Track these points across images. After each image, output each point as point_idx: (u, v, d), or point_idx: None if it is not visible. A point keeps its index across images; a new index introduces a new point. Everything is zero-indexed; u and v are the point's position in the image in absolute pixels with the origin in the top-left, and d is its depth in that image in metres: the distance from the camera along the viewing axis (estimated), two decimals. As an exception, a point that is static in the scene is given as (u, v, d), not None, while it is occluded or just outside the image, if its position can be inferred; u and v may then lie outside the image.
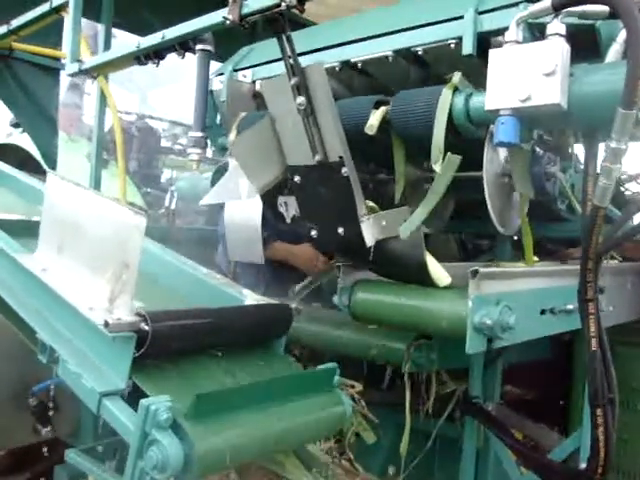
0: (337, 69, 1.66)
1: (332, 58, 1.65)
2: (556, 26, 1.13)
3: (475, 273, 1.18)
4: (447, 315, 1.31)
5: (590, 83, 1.13)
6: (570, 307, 1.42)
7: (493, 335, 1.22)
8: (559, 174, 1.37)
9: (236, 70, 1.96)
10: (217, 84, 1.96)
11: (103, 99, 2.78)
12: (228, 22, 1.32)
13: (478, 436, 1.96)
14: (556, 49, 1.10)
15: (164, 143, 5.98)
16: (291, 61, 1.29)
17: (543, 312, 1.42)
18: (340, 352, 1.87)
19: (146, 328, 1.15)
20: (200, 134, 1.83)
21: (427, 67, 1.56)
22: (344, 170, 1.33)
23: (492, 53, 1.18)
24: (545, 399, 2.61)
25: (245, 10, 1.30)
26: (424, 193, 1.42)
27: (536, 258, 2.38)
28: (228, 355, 1.36)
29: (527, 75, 1.12)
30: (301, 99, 1.30)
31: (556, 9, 1.13)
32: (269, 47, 1.73)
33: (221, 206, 2.02)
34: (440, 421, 1.91)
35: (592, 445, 1.27)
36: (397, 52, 1.51)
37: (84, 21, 2.62)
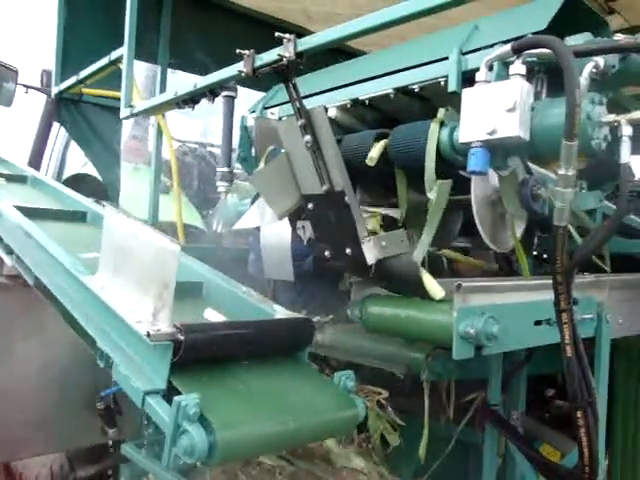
0: (349, 106, 1.84)
1: (344, 96, 1.83)
2: (517, 67, 1.26)
3: (459, 287, 1.33)
4: (439, 325, 1.44)
5: (548, 116, 1.25)
6: (566, 319, 1.51)
7: (479, 343, 1.35)
8: (546, 195, 1.48)
9: (266, 108, 2.15)
10: (250, 120, 2.16)
11: (160, 132, 3.09)
12: (243, 74, 1.53)
13: (499, 444, 2.02)
14: (516, 88, 1.23)
15: (223, 168, 6.27)
16: (298, 105, 1.49)
17: (539, 323, 1.52)
18: (364, 362, 2.01)
19: (181, 338, 1.32)
20: (226, 169, 2.04)
21: (427, 101, 1.71)
22: (347, 198, 1.50)
23: (465, 92, 1.32)
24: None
25: (257, 63, 1.50)
26: (426, 215, 1.56)
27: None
28: (255, 363, 1.51)
29: (493, 111, 1.25)
30: (307, 137, 1.49)
31: (515, 52, 1.28)
32: (294, 87, 1.93)
33: (257, 229, 2.22)
34: (460, 427, 2.00)
35: (578, 446, 1.36)
36: (397, 89, 1.68)
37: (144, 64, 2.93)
